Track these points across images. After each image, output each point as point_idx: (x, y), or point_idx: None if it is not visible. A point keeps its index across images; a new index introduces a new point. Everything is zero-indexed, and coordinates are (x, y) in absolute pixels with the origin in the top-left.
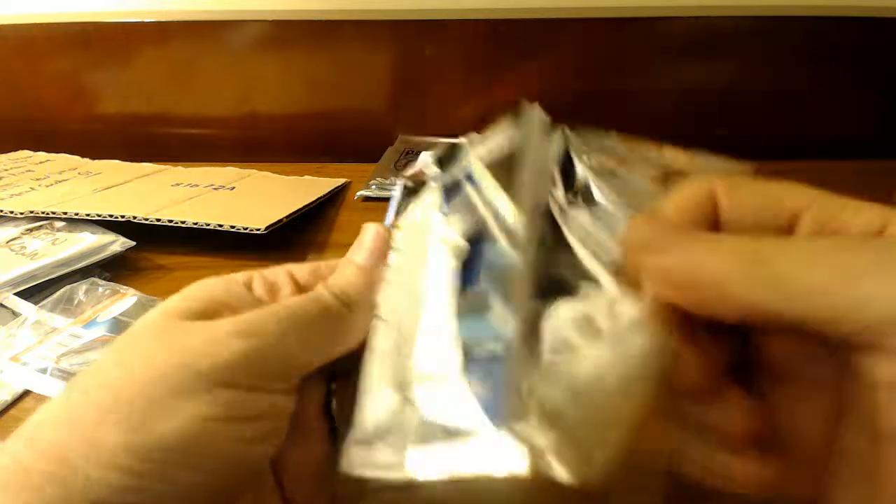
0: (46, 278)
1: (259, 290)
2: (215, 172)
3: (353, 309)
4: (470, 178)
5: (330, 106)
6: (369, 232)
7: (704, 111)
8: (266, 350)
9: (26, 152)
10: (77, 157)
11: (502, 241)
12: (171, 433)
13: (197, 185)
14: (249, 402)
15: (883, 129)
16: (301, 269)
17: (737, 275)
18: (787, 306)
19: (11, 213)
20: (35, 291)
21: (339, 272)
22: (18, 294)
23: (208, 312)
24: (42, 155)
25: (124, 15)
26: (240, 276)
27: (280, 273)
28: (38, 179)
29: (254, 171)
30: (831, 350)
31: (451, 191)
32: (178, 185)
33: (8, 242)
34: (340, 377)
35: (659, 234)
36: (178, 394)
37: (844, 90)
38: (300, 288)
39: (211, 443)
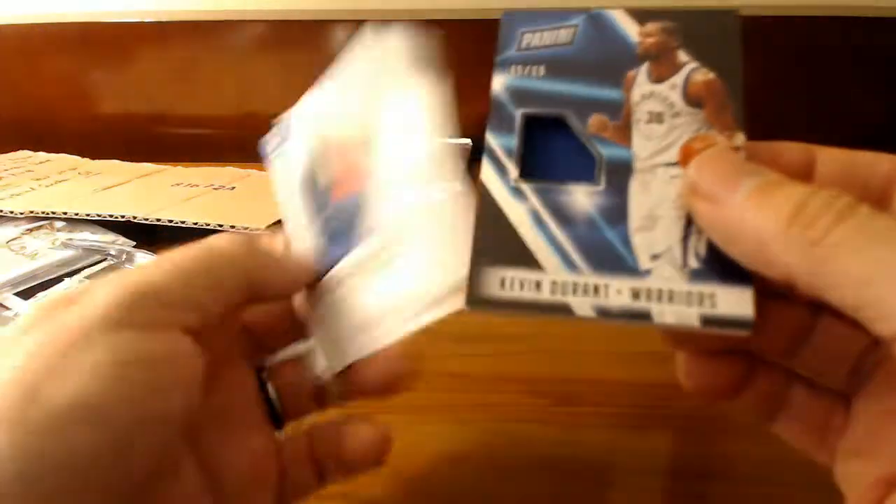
0: (46, 278)
1: None
2: (215, 172)
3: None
4: None
5: None
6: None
7: None
8: (157, 287)
9: (26, 152)
10: (77, 157)
11: None
12: (69, 394)
13: (197, 185)
14: (140, 343)
15: (883, 129)
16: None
17: (779, 240)
18: (825, 285)
19: (11, 213)
20: (35, 291)
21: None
22: (18, 294)
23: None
24: (42, 155)
25: (124, 15)
26: None
27: None
28: (38, 179)
29: (254, 171)
30: None
31: None
32: (178, 185)
33: (8, 242)
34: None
35: (715, 179)
36: (70, 348)
37: (844, 90)
38: None
39: (107, 392)
